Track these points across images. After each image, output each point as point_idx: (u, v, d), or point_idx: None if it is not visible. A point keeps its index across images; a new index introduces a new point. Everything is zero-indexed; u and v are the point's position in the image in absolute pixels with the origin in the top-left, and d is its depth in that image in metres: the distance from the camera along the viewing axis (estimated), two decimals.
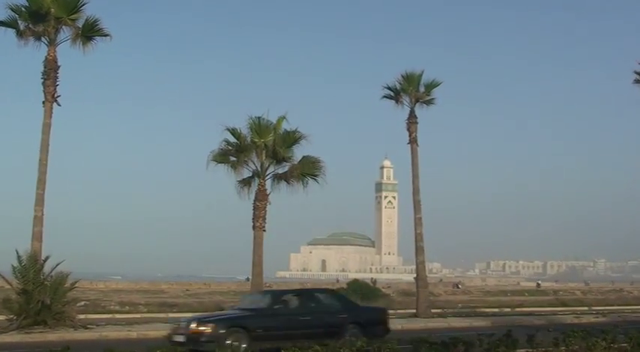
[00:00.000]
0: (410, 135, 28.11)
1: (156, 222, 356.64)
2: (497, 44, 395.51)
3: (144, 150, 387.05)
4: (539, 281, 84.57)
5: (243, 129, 23.62)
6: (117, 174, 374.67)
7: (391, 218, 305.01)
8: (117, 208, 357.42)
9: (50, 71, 21.81)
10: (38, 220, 20.80)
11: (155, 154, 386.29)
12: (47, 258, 19.77)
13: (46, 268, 19.51)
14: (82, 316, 21.67)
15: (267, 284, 53.11)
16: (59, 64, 21.99)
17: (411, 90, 28.04)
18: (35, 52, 21.97)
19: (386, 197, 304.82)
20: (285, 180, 23.70)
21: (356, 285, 39.98)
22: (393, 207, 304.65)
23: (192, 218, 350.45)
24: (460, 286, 71.47)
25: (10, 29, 22.09)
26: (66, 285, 19.71)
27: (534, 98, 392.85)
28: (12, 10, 21.90)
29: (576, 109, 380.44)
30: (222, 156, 23.56)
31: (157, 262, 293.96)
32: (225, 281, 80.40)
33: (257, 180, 23.76)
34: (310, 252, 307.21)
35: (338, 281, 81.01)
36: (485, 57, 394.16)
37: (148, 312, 29.31)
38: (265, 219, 23.33)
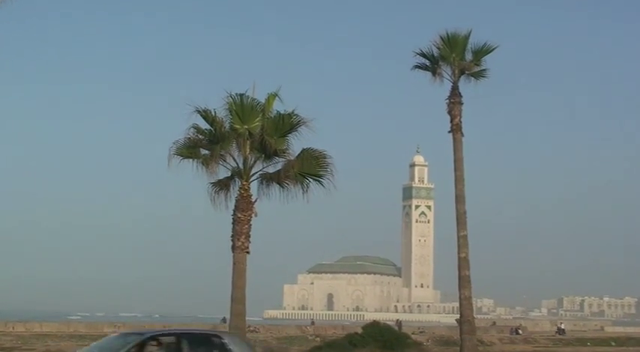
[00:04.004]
0: (452, 121, 28.08)
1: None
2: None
3: (83, 139, 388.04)
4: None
5: (220, 111, 23.63)
6: (47, 172, 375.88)
7: (425, 236, 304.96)
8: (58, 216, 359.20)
9: None
10: None
11: (96, 143, 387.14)
12: None
13: None
14: None
15: (252, 328, 53.12)
16: None
17: (454, 58, 28.00)
18: None
19: (417, 206, 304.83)
20: (278, 183, 23.67)
21: (375, 330, 39.92)
22: (428, 221, 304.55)
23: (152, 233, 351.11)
24: (521, 331, 71.44)
25: None
26: None
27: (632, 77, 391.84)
28: None
29: None
30: (189, 149, 23.54)
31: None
32: (194, 321, 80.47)
33: (238, 182, 23.75)
34: (312, 283, 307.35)
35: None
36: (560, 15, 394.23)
37: None
38: (249, 236, 23.32)
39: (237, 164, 23.82)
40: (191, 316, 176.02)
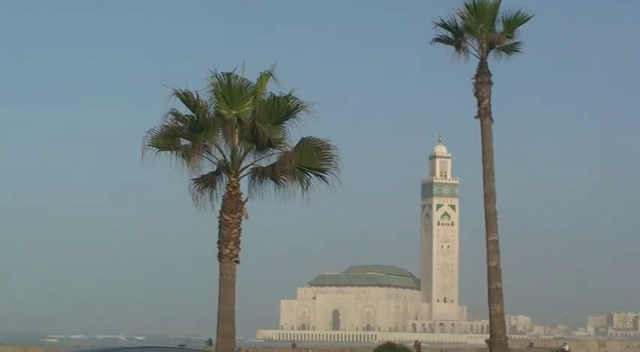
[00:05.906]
0: (480, 104, 28.12)
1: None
2: None
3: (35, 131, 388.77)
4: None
5: (203, 93, 23.62)
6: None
7: (448, 241, 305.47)
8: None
9: None
10: None
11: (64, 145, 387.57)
12: None
13: None
14: None
15: (242, 350, 53.33)
16: None
17: (482, 30, 28.05)
18: None
19: (439, 206, 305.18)
20: (272, 178, 23.68)
21: None
22: (452, 224, 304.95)
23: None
24: None
25: None
26: None
27: None
28: None
29: None
30: (167, 139, 23.53)
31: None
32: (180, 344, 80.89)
33: (225, 178, 23.76)
34: (314, 298, 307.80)
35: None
36: None
37: None
38: (239, 242, 23.33)
39: (224, 156, 23.81)
40: (182, 337, 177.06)
